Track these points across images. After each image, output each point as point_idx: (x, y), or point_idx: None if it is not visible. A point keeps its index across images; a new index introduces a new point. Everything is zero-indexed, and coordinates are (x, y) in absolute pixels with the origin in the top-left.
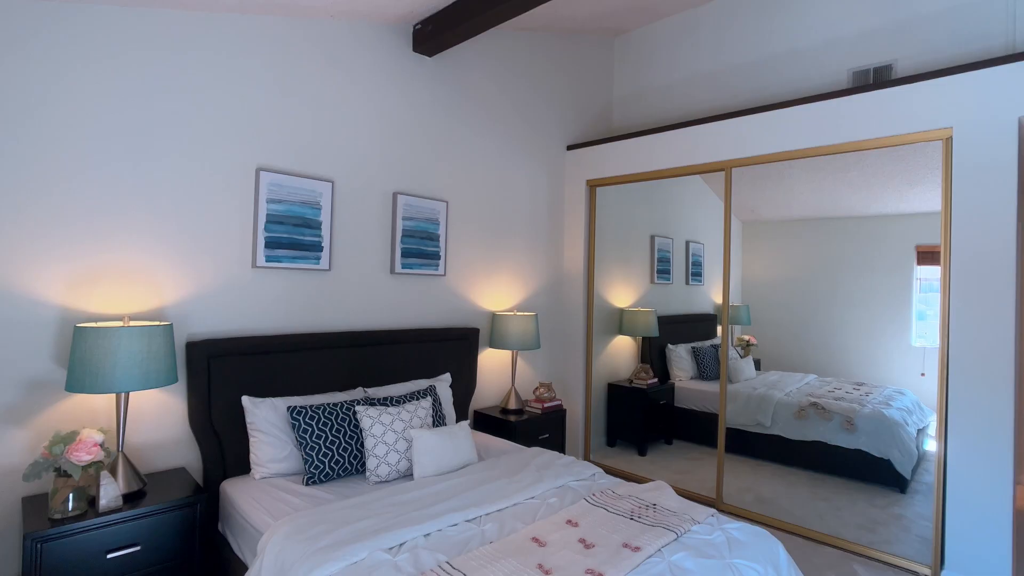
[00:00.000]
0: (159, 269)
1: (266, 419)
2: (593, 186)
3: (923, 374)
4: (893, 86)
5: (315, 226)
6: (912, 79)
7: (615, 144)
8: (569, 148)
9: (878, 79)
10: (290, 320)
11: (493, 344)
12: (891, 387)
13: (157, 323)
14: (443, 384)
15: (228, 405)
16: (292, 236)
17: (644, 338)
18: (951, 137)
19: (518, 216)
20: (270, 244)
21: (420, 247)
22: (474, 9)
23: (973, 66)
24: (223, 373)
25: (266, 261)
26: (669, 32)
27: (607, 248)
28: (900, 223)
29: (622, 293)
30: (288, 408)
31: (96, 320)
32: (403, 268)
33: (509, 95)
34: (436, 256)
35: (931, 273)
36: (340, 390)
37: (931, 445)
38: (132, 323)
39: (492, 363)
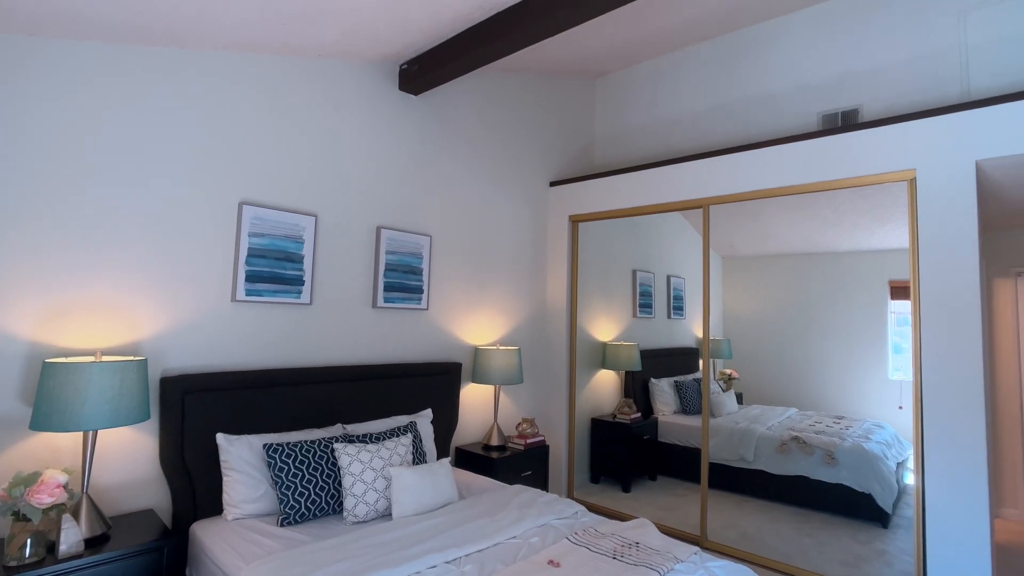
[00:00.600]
0: (135, 303)
1: (241, 457)
2: (575, 221)
3: (900, 407)
4: (860, 129)
5: (297, 260)
6: (877, 123)
7: (597, 181)
8: (552, 184)
9: (846, 122)
10: (269, 355)
11: (476, 379)
12: (870, 420)
13: (131, 358)
14: (424, 420)
15: (202, 443)
16: (274, 270)
17: (627, 372)
18: (915, 178)
19: (502, 250)
20: (251, 278)
21: (403, 281)
22: (458, 52)
23: (932, 112)
24: (198, 409)
25: (246, 295)
26: (648, 75)
27: (590, 282)
28: (873, 259)
29: (605, 327)
30: (264, 446)
31: (67, 355)
32: (385, 302)
33: (493, 132)
34: (419, 290)
35: (904, 307)
36: (319, 427)
37: (911, 479)
38: (105, 358)
39: (474, 398)
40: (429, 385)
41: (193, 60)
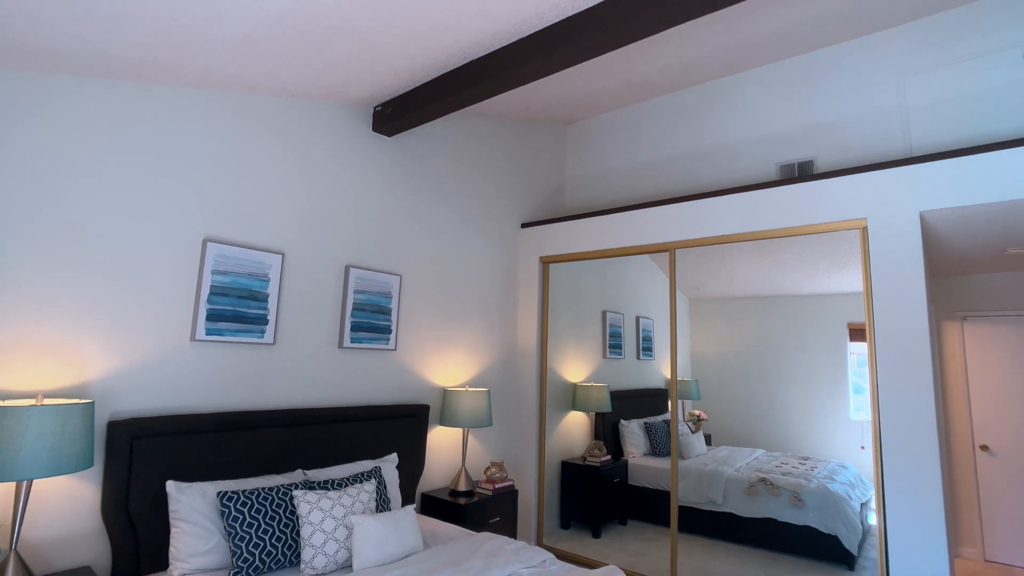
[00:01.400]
0: (86, 342)
1: (192, 506)
2: (546, 263)
3: (863, 447)
4: (814, 180)
5: (261, 299)
6: (830, 174)
7: (567, 223)
8: (523, 226)
9: (802, 173)
10: (228, 397)
11: (444, 421)
12: (834, 461)
13: (76, 401)
14: (389, 465)
15: (149, 491)
16: (236, 309)
17: (597, 413)
18: (866, 227)
19: (472, 291)
20: (212, 317)
21: (371, 321)
22: (432, 96)
23: (880, 166)
24: (147, 455)
25: (206, 334)
26: (617, 123)
27: (560, 323)
28: (832, 302)
29: (575, 368)
30: (218, 494)
31: (5, 398)
32: (352, 342)
33: (466, 174)
34: (387, 330)
35: (862, 349)
36: (278, 472)
37: (874, 519)
38: (47, 401)
39: (442, 441)
40: (396, 428)
41: (160, 95)
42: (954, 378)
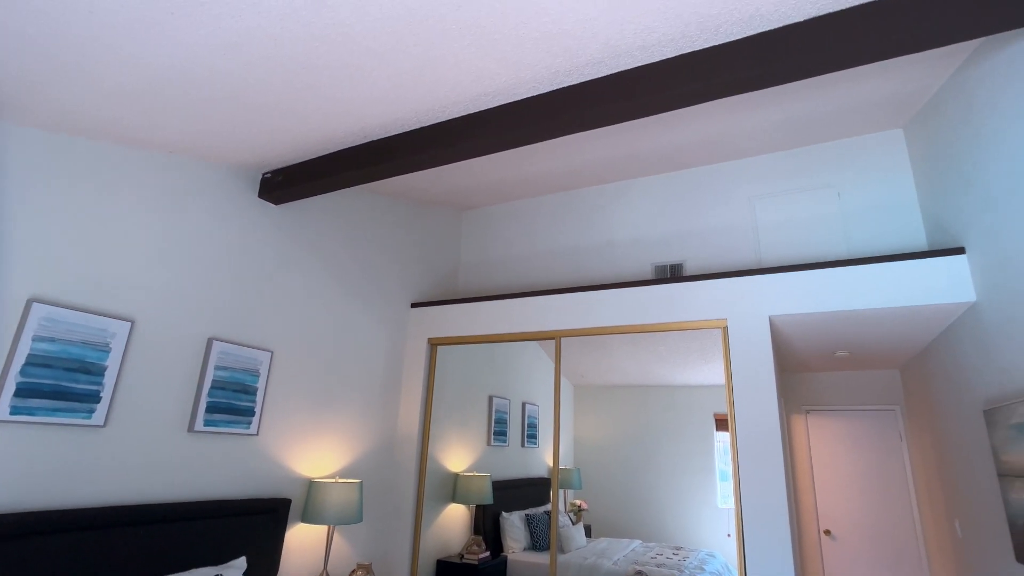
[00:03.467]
0: None
1: None
2: (435, 344)
3: (729, 535)
4: (683, 281)
5: (96, 372)
6: (697, 277)
7: (459, 306)
8: (413, 306)
9: (674, 274)
10: (35, 492)
11: (306, 518)
12: (704, 550)
13: None
14: (234, 572)
15: None
16: (60, 383)
17: (478, 506)
18: (727, 326)
19: (353, 371)
20: (24, 392)
21: (232, 401)
22: (328, 170)
23: (736, 273)
24: None
25: (11, 414)
26: (512, 213)
27: (445, 409)
28: (701, 393)
29: (457, 456)
30: None
31: None
32: (206, 425)
33: (357, 249)
34: (250, 412)
35: (728, 438)
36: None
37: None
38: None
39: (302, 541)
40: (248, 527)
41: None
42: (801, 467)
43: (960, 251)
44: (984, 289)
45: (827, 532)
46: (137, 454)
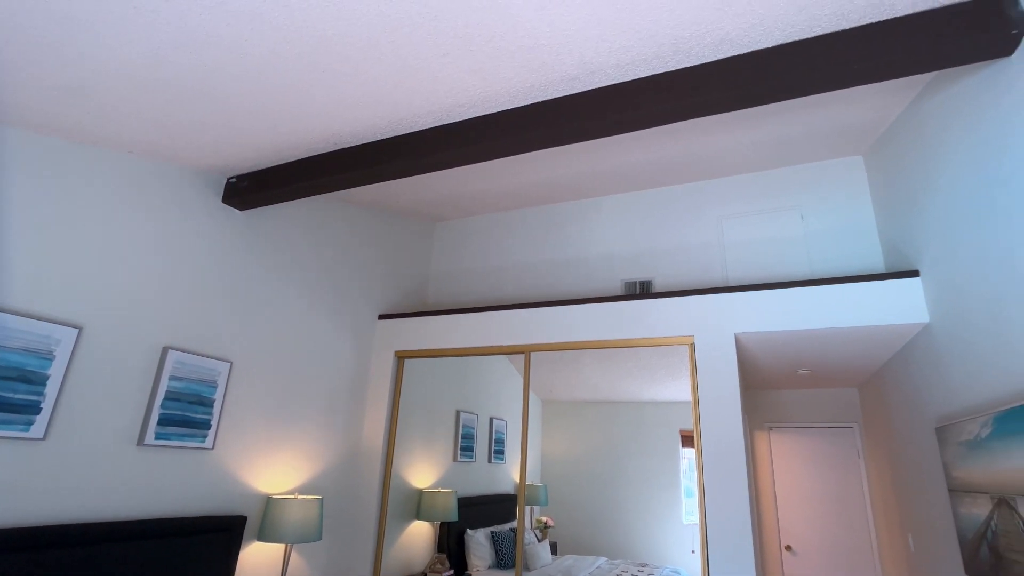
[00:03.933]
0: None
1: None
2: (402, 357)
3: (693, 551)
4: (652, 298)
5: (37, 381)
6: (665, 294)
7: (427, 319)
8: (381, 317)
9: (643, 290)
10: None
11: (263, 536)
12: (669, 567)
13: None
14: None
15: None
16: None
17: (442, 523)
18: (694, 343)
19: (317, 383)
20: None
21: (186, 413)
22: (297, 176)
23: (703, 291)
24: None
25: None
26: (483, 226)
27: (411, 423)
28: (668, 409)
29: (423, 472)
30: None
31: None
32: (158, 439)
33: (324, 259)
34: (206, 425)
35: (693, 454)
36: None
37: None
38: None
39: (257, 561)
40: (200, 546)
41: None
42: (764, 483)
43: (915, 274)
44: (936, 312)
45: (788, 548)
46: (80, 469)
